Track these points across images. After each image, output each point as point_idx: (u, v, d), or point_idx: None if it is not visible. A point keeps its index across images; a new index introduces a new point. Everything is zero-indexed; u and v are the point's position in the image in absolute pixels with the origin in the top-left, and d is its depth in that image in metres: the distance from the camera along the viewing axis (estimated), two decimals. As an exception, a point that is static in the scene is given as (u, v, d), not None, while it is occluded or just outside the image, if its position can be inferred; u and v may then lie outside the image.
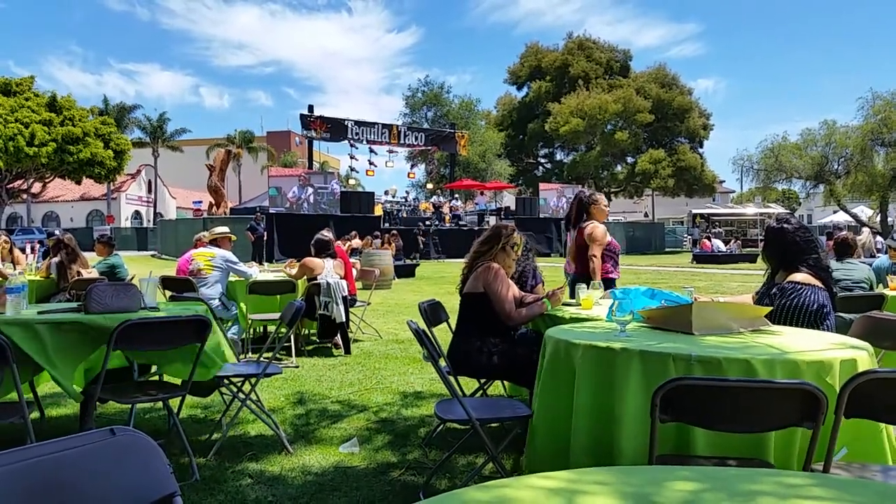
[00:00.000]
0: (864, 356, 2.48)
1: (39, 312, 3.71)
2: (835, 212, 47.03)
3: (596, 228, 5.65)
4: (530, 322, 4.14)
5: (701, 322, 2.84)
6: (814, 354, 2.41)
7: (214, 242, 7.27)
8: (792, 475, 1.34)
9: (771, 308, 3.15)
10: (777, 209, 41.96)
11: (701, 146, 49.94)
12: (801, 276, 3.36)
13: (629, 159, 48.89)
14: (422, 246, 28.24)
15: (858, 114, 39.39)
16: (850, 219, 41.64)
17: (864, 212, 43.52)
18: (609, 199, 52.30)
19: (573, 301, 4.19)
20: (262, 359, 4.39)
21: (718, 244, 30.52)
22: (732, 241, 33.25)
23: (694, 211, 42.40)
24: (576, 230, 5.85)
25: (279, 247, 25.60)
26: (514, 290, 4.13)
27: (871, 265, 6.34)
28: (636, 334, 2.82)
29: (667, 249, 42.45)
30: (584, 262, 5.62)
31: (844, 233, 6.32)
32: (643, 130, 46.84)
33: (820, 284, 3.35)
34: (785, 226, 3.55)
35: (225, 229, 7.50)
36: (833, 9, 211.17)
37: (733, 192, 69.99)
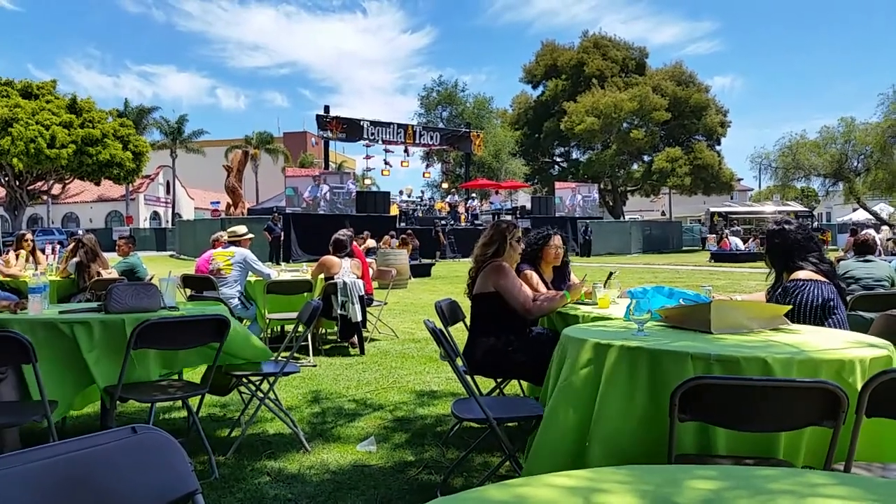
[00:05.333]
0: (885, 355, 2.46)
1: (60, 312, 3.76)
2: (854, 209, 46.49)
3: None
4: (547, 321, 4.14)
5: (719, 321, 2.82)
6: (834, 353, 2.39)
7: (234, 242, 7.32)
8: (812, 474, 1.33)
9: (790, 307, 3.13)
10: (796, 207, 41.55)
11: (718, 144, 49.42)
12: (803, 274, 3.37)
13: (646, 158, 48.56)
14: (444, 242, 28.26)
15: (878, 110, 38.94)
16: (870, 216, 41.12)
17: (884, 209, 42.99)
18: (625, 199, 52.39)
19: (590, 300, 4.17)
20: (279, 358, 4.41)
21: (737, 242, 30.25)
22: (751, 239, 32.91)
23: (711, 209, 42.08)
24: None
25: (296, 247, 25.72)
26: (524, 285, 4.12)
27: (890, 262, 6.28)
28: (654, 333, 2.80)
29: (684, 248, 42.16)
30: None
31: (867, 231, 6.26)
32: (660, 128, 46.51)
33: (823, 279, 3.33)
34: (785, 227, 3.58)
35: (244, 229, 7.55)
36: (852, 7, 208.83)
37: (751, 190, 69.36)
